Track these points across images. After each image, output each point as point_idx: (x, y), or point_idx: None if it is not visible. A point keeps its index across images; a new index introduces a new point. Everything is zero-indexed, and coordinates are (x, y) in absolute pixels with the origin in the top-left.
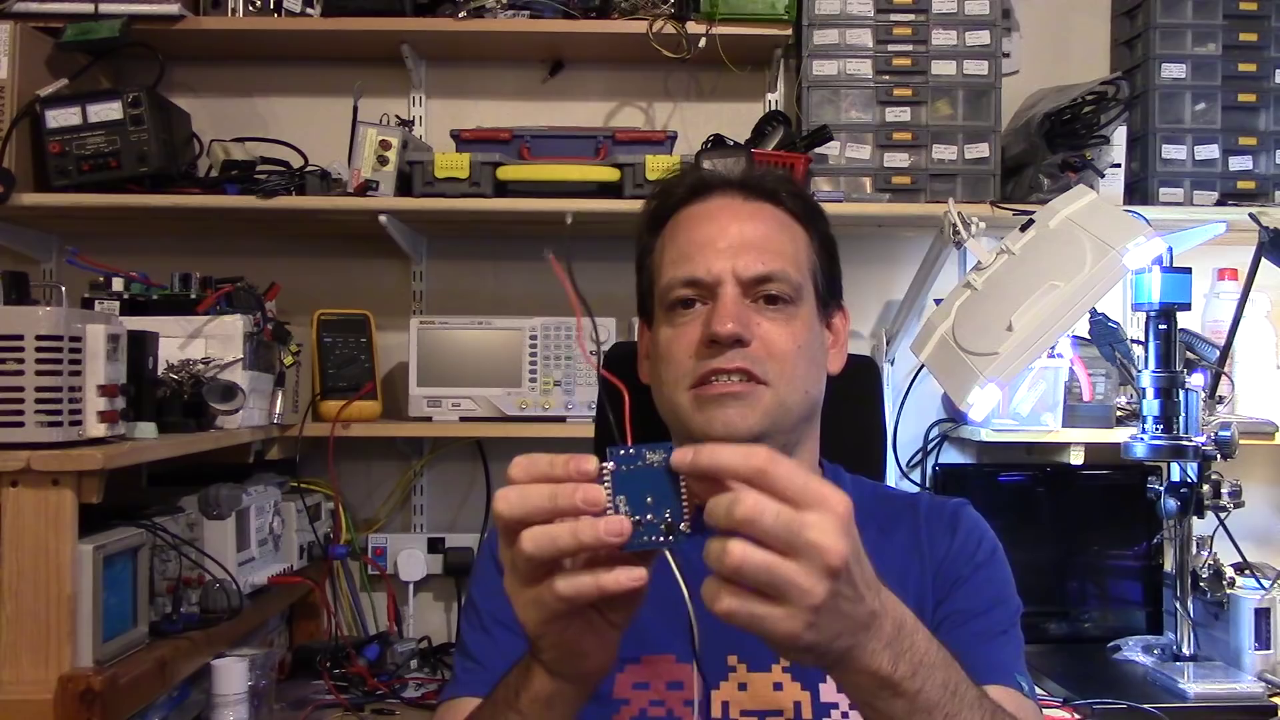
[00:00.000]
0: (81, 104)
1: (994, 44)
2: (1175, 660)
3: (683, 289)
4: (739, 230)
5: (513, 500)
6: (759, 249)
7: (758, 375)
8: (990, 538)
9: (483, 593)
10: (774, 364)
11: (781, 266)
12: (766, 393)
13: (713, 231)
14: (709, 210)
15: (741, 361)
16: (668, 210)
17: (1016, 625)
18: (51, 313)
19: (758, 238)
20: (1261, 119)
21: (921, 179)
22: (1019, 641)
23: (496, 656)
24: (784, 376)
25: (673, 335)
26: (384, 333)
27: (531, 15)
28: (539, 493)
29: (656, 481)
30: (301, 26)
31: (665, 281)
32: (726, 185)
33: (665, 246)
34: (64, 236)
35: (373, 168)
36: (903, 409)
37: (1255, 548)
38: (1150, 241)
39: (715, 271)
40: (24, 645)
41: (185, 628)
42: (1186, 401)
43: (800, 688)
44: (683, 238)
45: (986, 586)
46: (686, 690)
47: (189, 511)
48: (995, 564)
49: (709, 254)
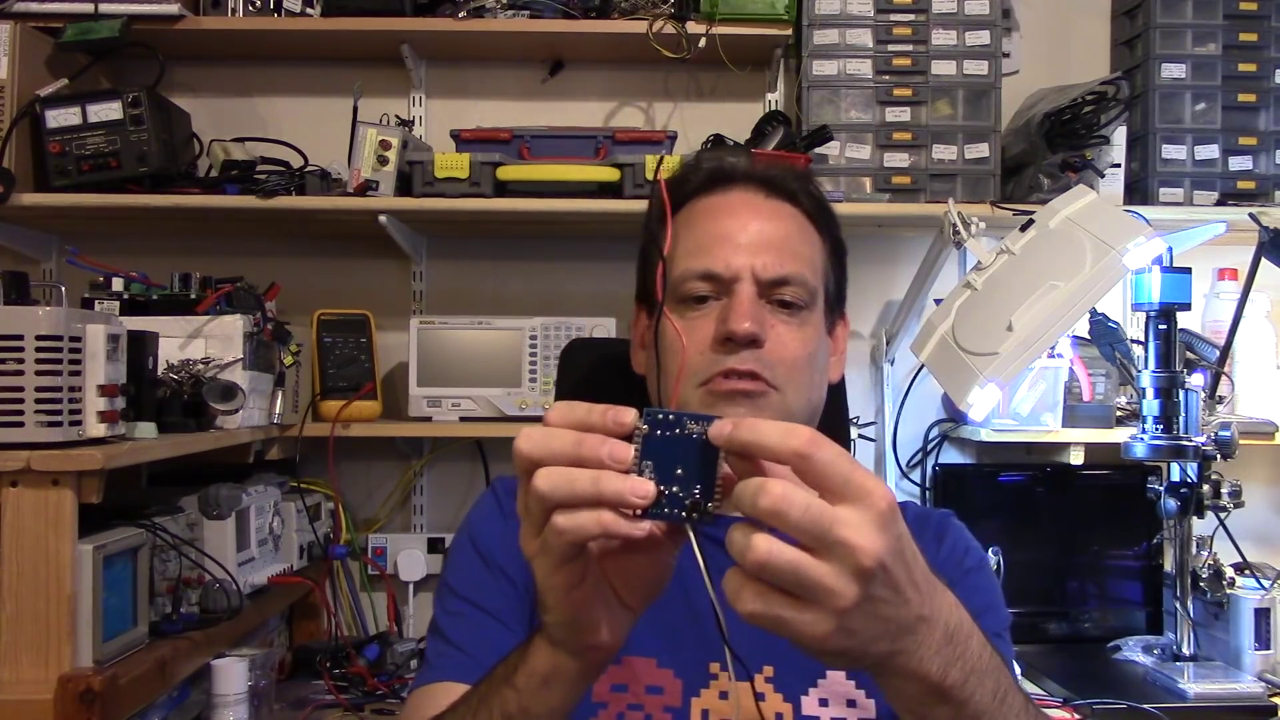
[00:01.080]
0: (81, 104)
1: (994, 44)
2: (1175, 660)
3: (698, 282)
4: (760, 228)
5: (535, 439)
6: (779, 249)
7: (768, 379)
8: (976, 547)
9: (457, 578)
10: (784, 369)
11: (799, 270)
12: (775, 397)
13: (733, 226)
14: (730, 203)
15: (754, 364)
16: (684, 197)
17: (1008, 633)
18: (51, 313)
19: (779, 238)
20: (1261, 119)
21: (921, 179)
22: (1009, 649)
23: (473, 641)
24: (792, 382)
25: (684, 328)
26: (384, 333)
27: (531, 15)
28: (564, 437)
29: (690, 453)
30: (301, 26)
31: (680, 272)
32: (749, 179)
33: (680, 235)
34: (64, 236)
35: (373, 168)
36: (903, 409)
37: (1255, 548)
38: (1150, 241)
39: (734, 268)
40: (24, 645)
41: (185, 628)
42: (1186, 401)
43: (783, 699)
44: (701, 228)
45: (976, 593)
46: (667, 696)
47: (189, 511)
48: (983, 572)
49: (729, 249)
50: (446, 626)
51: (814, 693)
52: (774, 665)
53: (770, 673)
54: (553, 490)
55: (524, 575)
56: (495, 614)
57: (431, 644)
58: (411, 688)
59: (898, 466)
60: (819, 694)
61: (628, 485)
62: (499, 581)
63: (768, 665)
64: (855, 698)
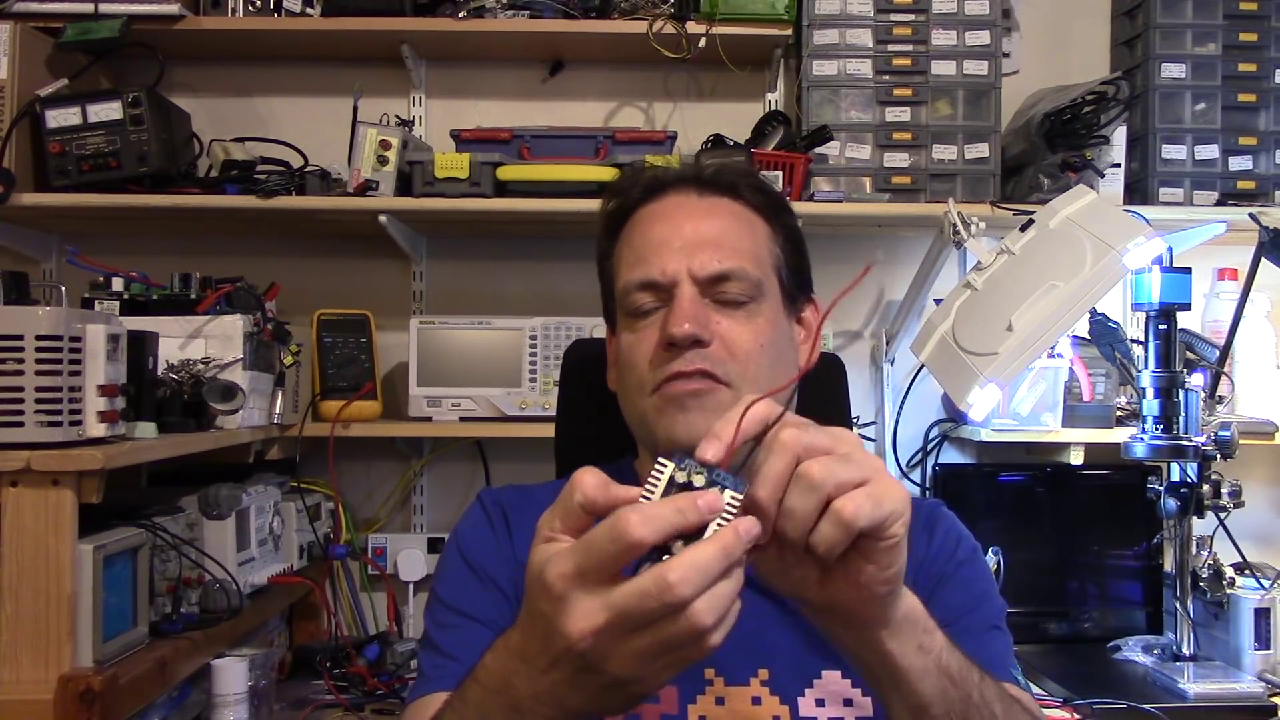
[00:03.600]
0: (81, 104)
1: (994, 44)
2: (1175, 660)
3: (639, 293)
4: (694, 228)
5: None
6: (715, 246)
7: (719, 376)
8: (968, 537)
9: (448, 589)
10: (736, 364)
11: (738, 263)
12: (727, 394)
13: (667, 231)
14: (663, 209)
15: (701, 363)
16: (625, 212)
17: (1004, 622)
18: (51, 313)
19: (713, 235)
20: (1261, 119)
21: (921, 179)
22: (1009, 638)
23: (467, 651)
24: (746, 376)
25: (633, 341)
26: (384, 333)
27: (531, 15)
28: (665, 510)
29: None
30: (301, 26)
31: (622, 285)
32: (681, 181)
33: (622, 250)
34: (64, 236)
35: (373, 168)
36: (903, 409)
37: (1255, 548)
38: (1150, 241)
39: (670, 272)
40: (24, 645)
41: (185, 628)
42: (1186, 401)
43: (779, 702)
44: (638, 239)
45: (971, 583)
46: (663, 704)
47: (189, 511)
48: (977, 562)
49: (664, 254)
50: (439, 638)
51: (810, 694)
52: (769, 668)
53: (766, 675)
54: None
55: (514, 585)
56: (488, 623)
57: (425, 657)
58: (407, 700)
59: (898, 466)
60: (815, 694)
61: (743, 529)
62: (490, 592)
63: (763, 668)
64: (851, 696)
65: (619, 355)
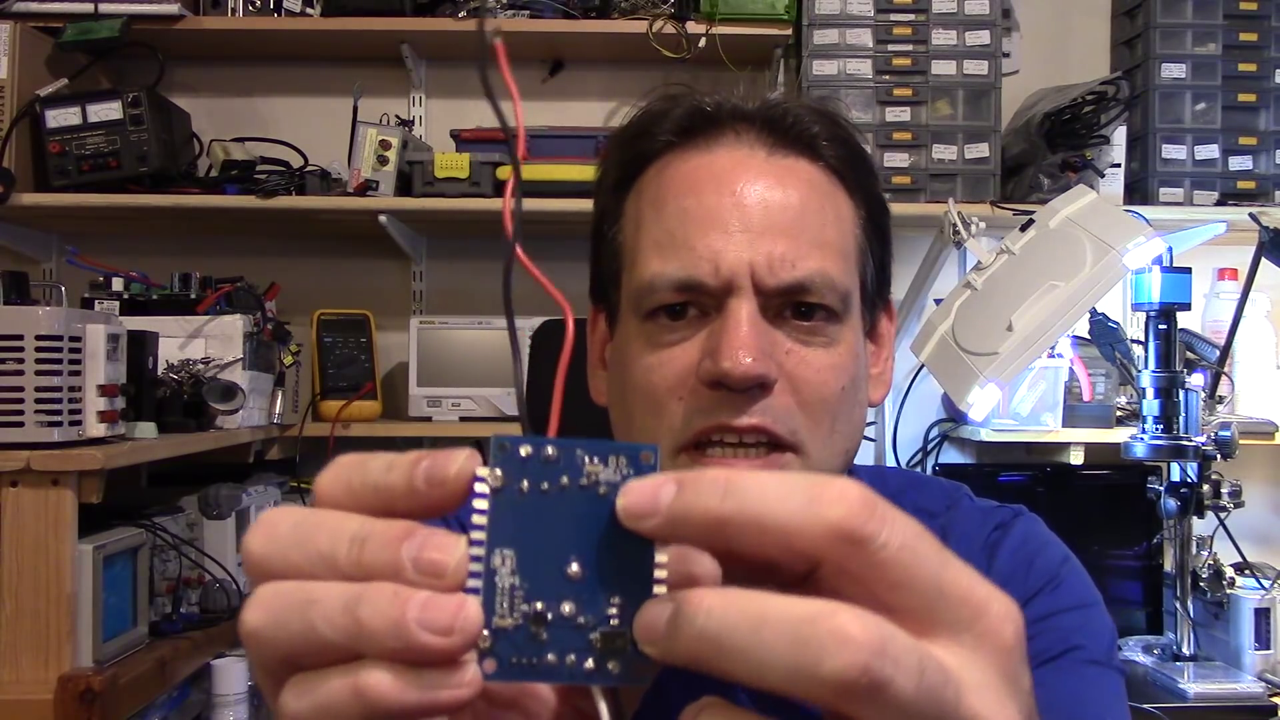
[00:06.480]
0: (81, 104)
1: (994, 44)
2: (1175, 660)
3: (672, 293)
4: (762, 203)
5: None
6: (794, 236)
7: (784, 439)
8: (1044, 555)
9: None
10: (808, 418)
11: (824, 266)
12: (795, 462)
13: (721, 203)
14: (714, 165)
15: (761, 418)
16: (648, 156)
17: (1110, 655)
18: (51, 313)
19: (792, 217)
20: (1261, 119)
21: (921, 179)
22: (1113, 678)
23: None
24: (819, 436)
25: (654, 365)
26: (384, 333)
27: (531, 15)
28: (331, 528)
29: (593, 527)
30: (301, 26)
31: (645, 279)
32: (742, 121)
33: (643, 216)
34: (64, 236)
35: (373, 168)
36: (903, 409)
37: (1255, 548)
38: (1150, 241)
39: (727, 270)
40: (24, 645)
41: (185, 628)
42: (1186, 401)
43: None
44: (672, 207)
45: (1054, 618)
46: None
47: (189, 511)
48: (1059, 586)
49: (716, 239)
50: None
51: None
52: None
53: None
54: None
55: None
56: None
57: None
58: None
59: (898, 466)
60: None
61: (448, 618)
62: None
63: None
64: None
65: (627, 377)
